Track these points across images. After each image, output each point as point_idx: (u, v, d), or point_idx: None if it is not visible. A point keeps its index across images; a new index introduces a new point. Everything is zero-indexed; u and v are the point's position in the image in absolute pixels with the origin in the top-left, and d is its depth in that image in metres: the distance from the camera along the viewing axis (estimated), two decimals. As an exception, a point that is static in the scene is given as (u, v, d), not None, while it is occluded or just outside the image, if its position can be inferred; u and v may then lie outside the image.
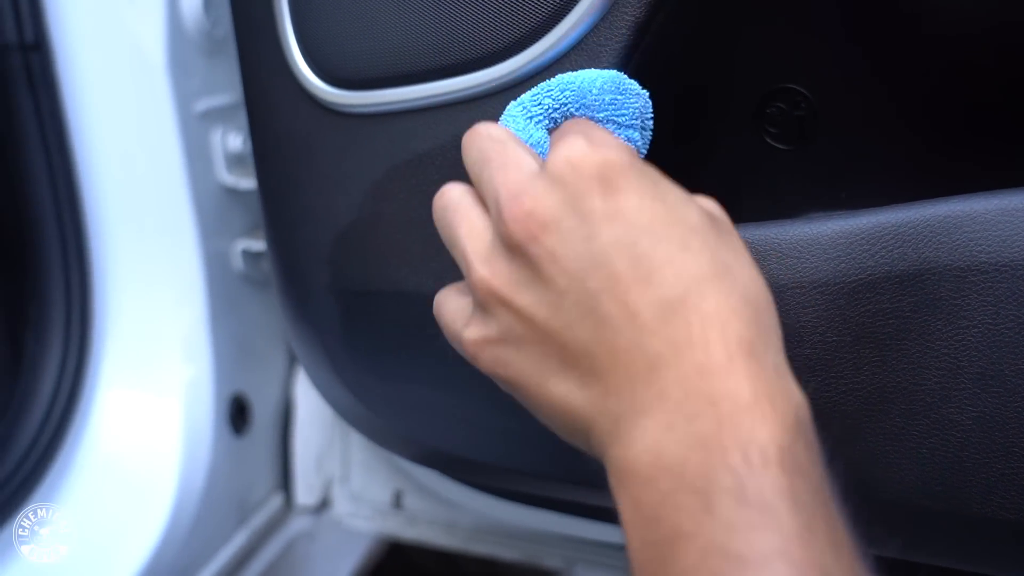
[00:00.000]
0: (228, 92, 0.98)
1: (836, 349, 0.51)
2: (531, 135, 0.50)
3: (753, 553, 0.34)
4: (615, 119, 0.50)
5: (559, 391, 0.42)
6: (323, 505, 1.11)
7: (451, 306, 0.49)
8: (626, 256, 0.40)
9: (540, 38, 0.56)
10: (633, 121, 0.51)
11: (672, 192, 0.42)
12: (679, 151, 0.65)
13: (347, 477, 1.08)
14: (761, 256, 0.51)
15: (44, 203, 0.91)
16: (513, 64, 0.57)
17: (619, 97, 0.51)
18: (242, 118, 1.01)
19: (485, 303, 0.44)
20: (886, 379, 0.51)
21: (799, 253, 0.51)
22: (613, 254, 0.40)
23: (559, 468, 0.63)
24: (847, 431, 0.53)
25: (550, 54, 0.56)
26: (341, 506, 1.09)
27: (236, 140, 1.00)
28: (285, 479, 1.10)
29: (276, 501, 1.09)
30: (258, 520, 1.05)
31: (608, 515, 0.47)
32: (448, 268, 0.61)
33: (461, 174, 0.60)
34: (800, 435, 0.38)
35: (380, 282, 0.64)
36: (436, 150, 0.61)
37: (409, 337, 0.63)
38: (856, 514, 0.46)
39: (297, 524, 1.10)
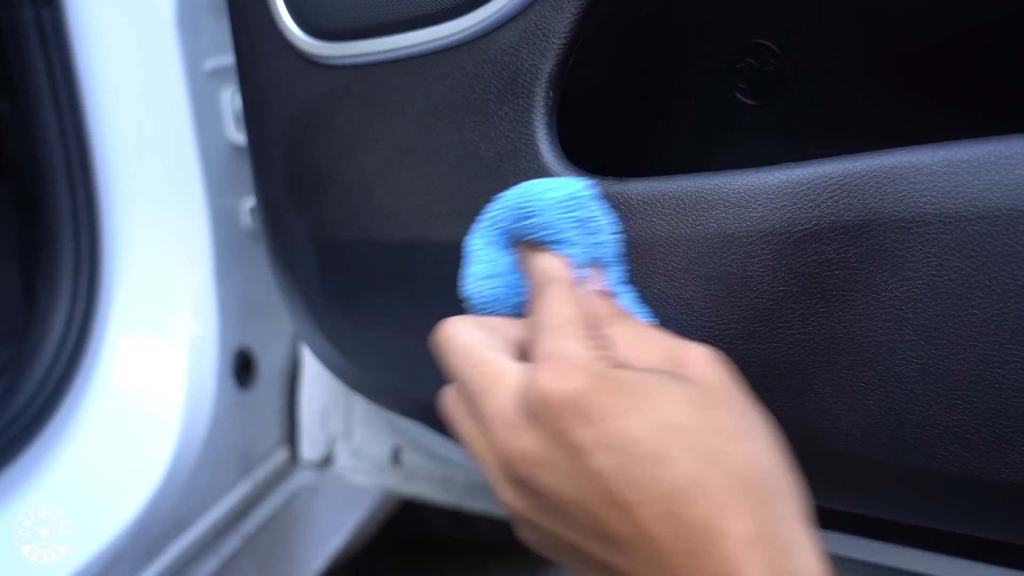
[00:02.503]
0: (231, 53, 1.00)
1: (783, 299, 0.52)
2: (495, 260, 0.54)
3: None
4: (569, 241, 0.51)
5: None
6: (327, 460, 1.13)
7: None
8: (620, 480, 0.41)
9: (507, -13, 0.57)
10: (589, 241, 0.52)
11: (648, 391, 0.43)
12: (654, 105, 0.66)
13: (350, 433, 1.10)
14: (708, 205, 0.52)
15: (55, 156, 0.93)
16: (481, 14, 0.58)
17: (567, 219, 0.51)
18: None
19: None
20: (833, 330, 0.51)
21: (746, 202, 0.51)
22: (607, 480, 0.42)
23: None
24: (796, 381, 0.53)
25: (516, 4, 0.57)
26: (343, 461, 1.11)
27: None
28: (291, 433, 1.12)
29: (281, 454, 1.11)
30: (262, 472, 1.08)
31: None
32: (415, 218, 0.62)
33: (430, 125, 0.61)
34: None
35: (354, 231, 0.65)
36: (407, 101, 0.62)
37: (382, 284, 0.64)
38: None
39: (301, 477, 1.12)
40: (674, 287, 0.53)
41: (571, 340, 0.45)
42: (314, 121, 0.66)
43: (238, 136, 1.00)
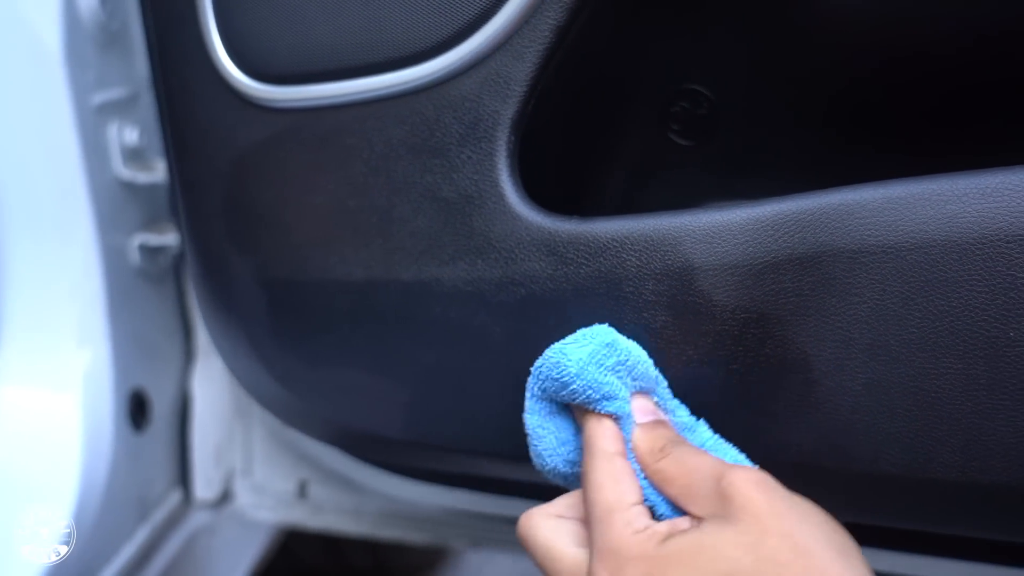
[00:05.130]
0: (122, 86, 0.98)
1: (744, 325, 0.56)
2: (557, 429, 0.57)
3: None
4: (611, 392, 0.54)
5: None
6: (224, 498, 1.11)
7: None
8: None
9: (468, 38, 0.59)
10: (630, 378, 0.55)
11: (699, 551, 0.46)
12: (595, 145, 0.70)
13: (249, 470, 1.09)
14: (676, 241, 0.56)
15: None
16: (440, 63, 0.61)
17: (601, 371, 0.54)
18: (138, 112, 1.01)
19: None
20: (787, 352, 0.57)
21: (711, 238, 0.56)
22: None
23: (503, 444, 0.65)
24: (752, 399, 0.58)
25: (476, 53, 0.60)
26: (244, 498, 1.10)
27: (132, 134, 0.99)
28: (184, 474, 1.10)
29: (175, 496, 1.08)
30: (158, 516, 1.05)
31: (517, 489, 0.50)
32: (376, 257, 0.64)
33: (388, 168, 0.63)
34: None
35: (308, 271, 0.66)
36: (363, 144, 0.63)
37: (338, 323, 0.65)
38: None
39: (197, 519, 1.09)
40: (644, 318, 0.57)
41: (620, 529, 0.49)
42: (259, 162, 0.67)
43: (126, 172, 0.98)
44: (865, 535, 0.79)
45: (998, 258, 0.52)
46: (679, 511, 0.50)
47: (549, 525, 0.53)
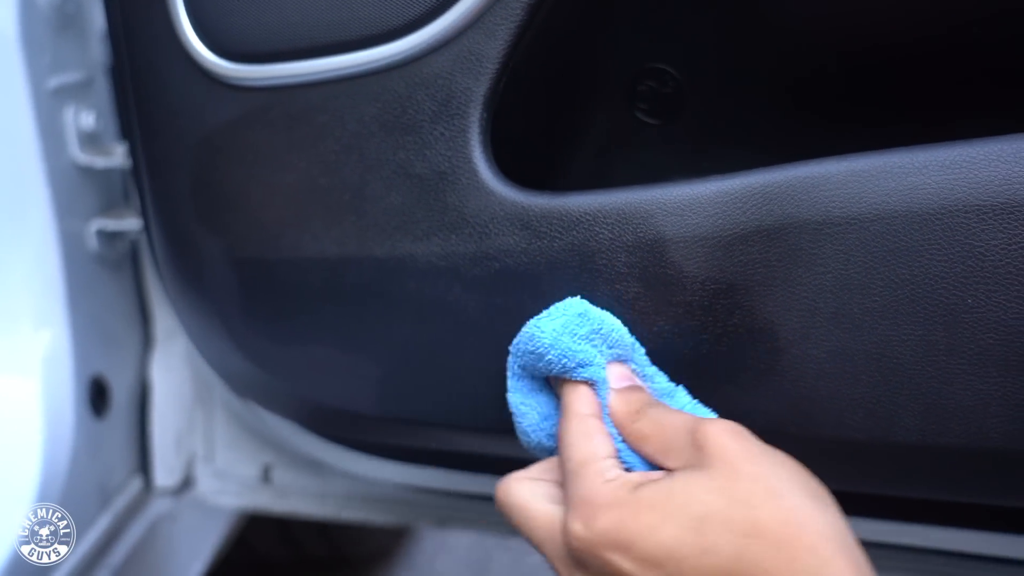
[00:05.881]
0: (78, 69, 0.97)
1: (714, 296, 0.58)
2: (539, 404, 0.58)
3: None
4: (587, 359, 0.55)
5: None
6: (185, 485, 1.10)
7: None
8: None
9: (440, 16, 0.60)
10: (605, 347, 0.56)
11: (673, 495, 0.47)
12: (563, 123, 0.71)
13: (211, 455, 1.08)
14: (648, 214, 0.57)
15: None
16: (412, 41, 0.61)
17: (575, 340, 0.55)
18: (93, 96, 1.00)
19: None
20: (754, 321, 0.58)
21: (682, 211, 0.57)
22: None
23: (478, 417, 0.66)
24: (721, 370, 0.60)
25: (448, 31, 0.60)
26: (206, 484, 1.09)
27: (89, 118, 0.98)
28: (144, 461, 1.09)
29: (136, 484, 1.08)
30: (119, 503, 1.04)
31: (488, 465, 0.51)
32: (349, 234, 0.64)
33: (360, 146, 0.63)
34: None
35: (280, 250, 0.66)
36: (335, 122, 0.64)
37: (311, 301, 0.65)
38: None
39: (158, 506, 1.09)
40: (617, 290, 0.58)
41: (591, 479, 0.50)
42: (229, 142, 0.67)
43: (83, 156, 0.97)
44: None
45: (957, 228, 0.54)
46: (655, 469, 0.52)
47: (525, 487, 0.54)
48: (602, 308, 0.58)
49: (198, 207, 0.69)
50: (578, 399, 0.54)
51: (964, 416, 0.57)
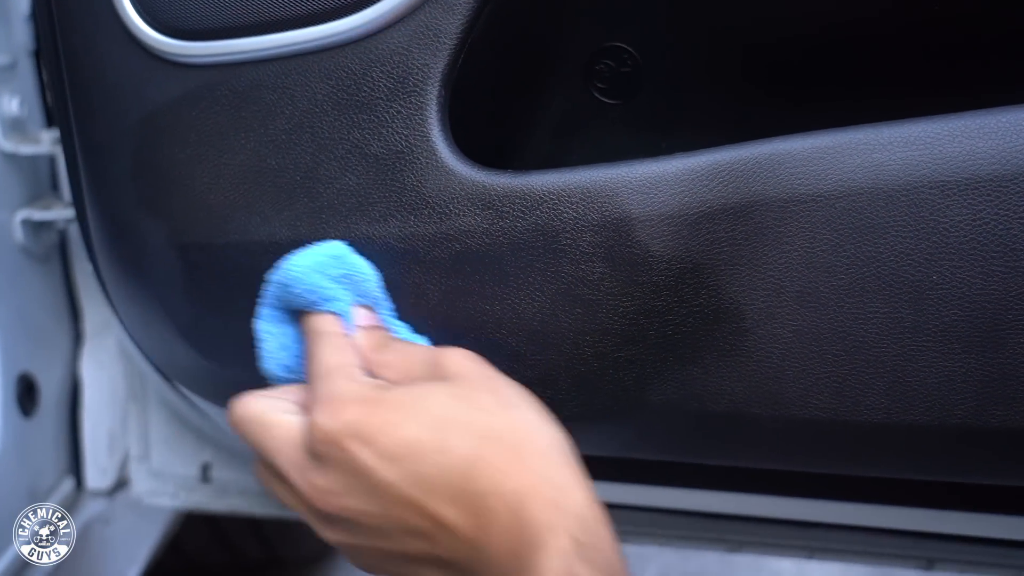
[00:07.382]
0: (0, 53, 0.92)
1: (679, 275, 0.57)
2: (282, 334, 0.59)
3: None
4: (335, 297, 0.57)
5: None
6: (119, 486, 1.06)
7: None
8: (409, 481, 0.47)
9: (396, -10, 0.58)
10: (354, 291, 0.58)
11: (415, 399, 0.50)
12: (520, 102, 0.69)
13: (146, 455, 1.04)
14: (613, 193, 0.56)
15: None
16: (367, 15, 0.59)
17: (325, 278, 0.57)
18: (16, 81, 0.95)
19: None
20: (720, 301, 0.58)
21: (647, 189, 0.56)
22: (398, 486, 0.47)
23: None
24: (687, 351, 0.59)
25: (405, 6, 0.58)
26: (141, 485, 1.05)
27: (12, 103, 0.94)
28: (76, 462, 1.04)
29: (67, 485, 1.03)
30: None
31: None
32: (302, 217, 0.62)
33: (312, 124, 0.61)
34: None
35: (228, 233, 0.63)
36: (286, 100, 0.61)
37: (261, 286, 0.63)
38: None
39: (90, 507, 1.04)
40: (582, 270, 0.57)
41: (340, 380, 0.51)
42: (172, 122, 0.64)
43: (7, 144, 0.92)
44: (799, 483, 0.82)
45: (922, 204, 0.54)
46: None
47: (263, 401, 0.54)
48: (569, 288, 0.57)
49: (139, 190, 0.66)
50: (324, 322, 0.56)
51: (928, 394, 0.57)
